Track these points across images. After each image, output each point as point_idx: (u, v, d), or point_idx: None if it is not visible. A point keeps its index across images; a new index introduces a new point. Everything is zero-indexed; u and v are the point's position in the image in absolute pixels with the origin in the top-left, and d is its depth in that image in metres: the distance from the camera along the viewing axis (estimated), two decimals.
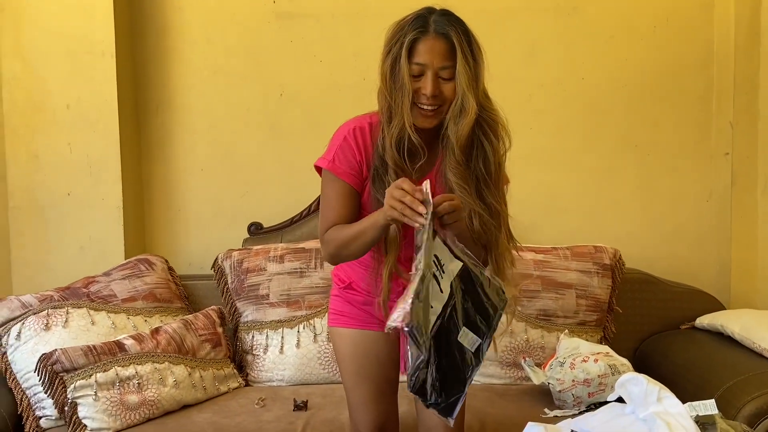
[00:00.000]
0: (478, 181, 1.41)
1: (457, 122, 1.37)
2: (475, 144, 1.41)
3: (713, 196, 2.55)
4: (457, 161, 1.39)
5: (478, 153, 1.41)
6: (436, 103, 1.38)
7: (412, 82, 1.37)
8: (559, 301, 2.20)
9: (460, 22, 1.39)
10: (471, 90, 1.35)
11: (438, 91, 1.37)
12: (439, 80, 1.37)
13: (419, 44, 1.36)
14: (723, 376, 1.89)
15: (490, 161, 1.42)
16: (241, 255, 2.28)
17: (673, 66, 2.52)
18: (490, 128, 1.41)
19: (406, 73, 1.36)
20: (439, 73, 1.37)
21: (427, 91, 1.36)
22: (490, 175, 1.42)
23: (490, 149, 1.41)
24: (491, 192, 1.42)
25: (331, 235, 1.45)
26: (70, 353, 1.83)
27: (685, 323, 2.34)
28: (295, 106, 2.53)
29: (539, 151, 2.51)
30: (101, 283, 2.12)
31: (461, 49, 1.35)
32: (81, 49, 2.32)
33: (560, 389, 1.93)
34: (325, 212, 1.49)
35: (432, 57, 1.36)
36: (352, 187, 1.45)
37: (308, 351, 2.16)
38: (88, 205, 2.36)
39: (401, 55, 1.36)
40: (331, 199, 1.47)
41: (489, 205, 1.41)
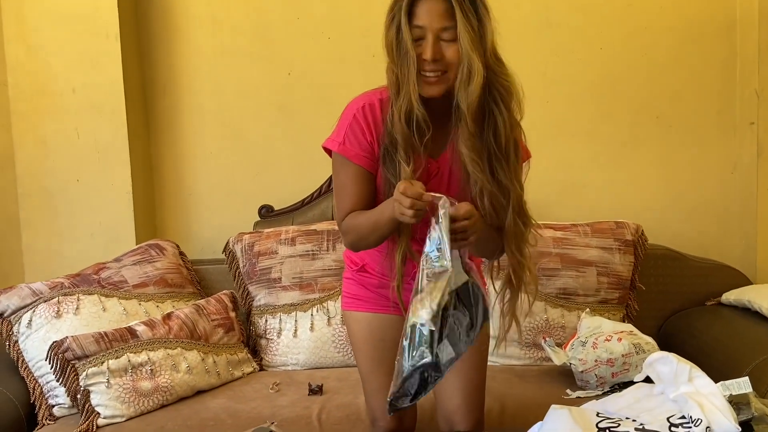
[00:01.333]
0: (489, 155, 1.32)
1: (467, 88, 1.27)
2: (486, 113, 1.31)
3: (738, 167, 2.46)
4: (470, 132, 1.30)
5: (488, 123, 1.32)
6: (439, 68, 1.29)
7: (415, 48, 1.28)
8: (580, 279, 2.14)
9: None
10: (476, 51, 1.25)
11: (440, 55, 1.28)
12: (441, 43, 1.28)
13: (417, 7, 1.28)
14: (752, 352, 1.82)
15: (500, 133, 1.32)
16: (252, 238, 2.24)
17: (694, 33, 2.42)
18: (501, 96, 1.31)
19: (408, 38, 1.27)
20: (441, 35, 1.28)
21: (427, 55, 1.27)
22: (500, 149, 1.32)
23: (501, 120, 1.31)
24: (502, 168, 1.32)
25: (348, 225, 1.40)
26: (82, 340, 1.81)
27: (710, 299, 2.27)
28: (304, 84, 2.47)
29: (556, 124, 2.43)
30: (112, 269, 2.10)
31: (461, 8, 1.25)
32: (85, 32, 2.28)
33: (582, 369, 1.87)
34: (341, 199, 1.42)
35: (431, 18, 1.27)
36: (366, 170, 1.38)
37: (322, 334, 2.12)
38: (97, 190, 2.33)
39: (401, 21, 1.28)
40: (345, 184, 1.40)
41: (499, 182, 1.32)
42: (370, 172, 1.39)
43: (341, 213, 1.42)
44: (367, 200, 1.40)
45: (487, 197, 1.32)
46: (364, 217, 1.36)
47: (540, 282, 2.13)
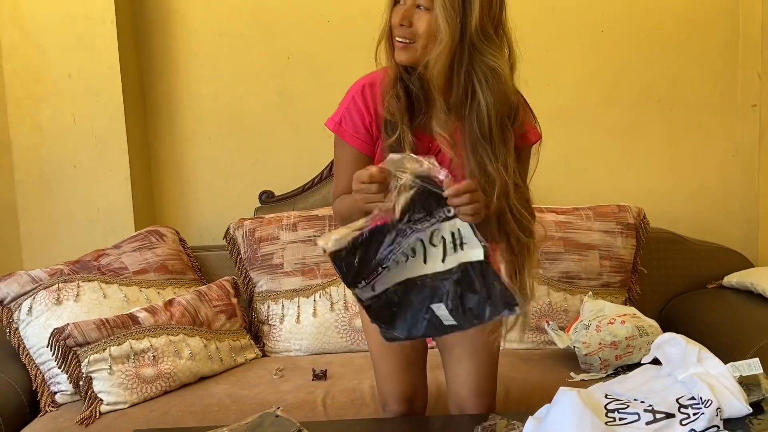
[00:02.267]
0: (474, 143, 1.27)
1: (433, 55, 1.24)
2: (469, 96, 1.26)
3: (740, 150, 2.45)
4: (441, 108, 1.26)
5: (471, 105, 1.26)
6: (406, 35, 1.25)
7: (395, 12, 1.26)
8: (582, 262, 2.13)
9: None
10: (449, 23, 1.21)
11: (407, 22, 1.25)
12: (416, 11, 1.25)
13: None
14: (755, 335, 1.82)
15: (483, 118, 1.25)
16: (253, 224, 2.22)
17: (696, 14, 2.41)
18: (485, 77, 1.25)
19: (389, 3, 1.27)
20: (416, 2, 1.25)
21: (395, 19, 1.25)
22: (483, 134, 1.25)
23: (484, 103, 1.25)
24: (487, 154, 1.27)
25: (337, 206, 1.40)
26: (83, 327, 1.80)
27: (712, 282, 2.27)
28: (303, 68, 2.44)
29: (558, 108, 2.41)
30: (111, 255, 2.08)
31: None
32: (80, 15, 2.24)
33: (586, 353, 1.87)
34: (336, 178, 1.43)
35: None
36: (359, 152, 1.36)
37: (325, 320, 2.11)
38: (95, 176, 2.31)
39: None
40: (340, 164, 1.41)
41: (484, 168, 1.27)
42: (365, 154, 1.37)
43: (334, 192, 1.42)
44: None
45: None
46: (346, 201, 1.35)
47: (543, 266, 2.13)
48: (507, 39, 1.30)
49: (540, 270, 2.11)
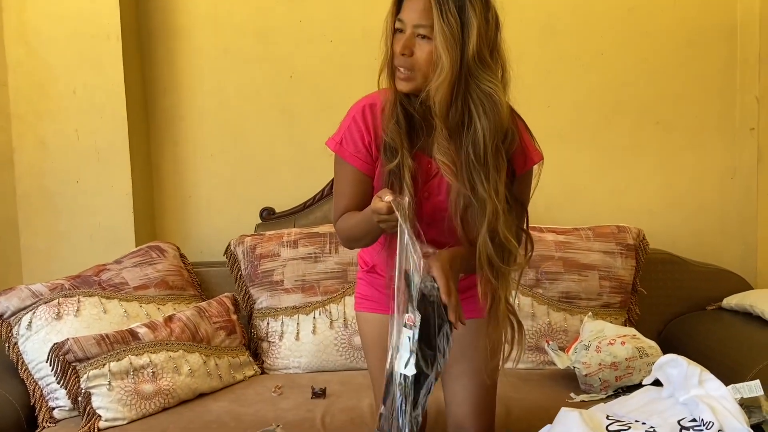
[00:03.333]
0: (468, 164, 1.28)
1: (435, 84, 1.25)
2: (465, 121, 1.28)
3: (738, 173, 2.47)
4: (443, 135, 1.28)
5: (467, 130, 1.28)
6: (407, 65, 1.27)
7: (396, 40, 1.28)
8: (582, 283, 2.14)
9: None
10: (448, 52, 1.23)
11: (408, 51, 1.26)
12: (417, 40, 1.26)
13: (405, 1, 1.29)
14: (755, 356, 1.82)
15: (479, 142, 1.26)
16: (253, 241, 2.23)
17: (694, 38, 2.44)
18: (481, 102, 1.26)
19: (389, 32, 1.29)
20: (417, 31, 1.26)
21: (396, 48, 1.27)
22: (478, 158, 1.26)
23: (481, 127, 1.26)
24: (480, 178, 1.27)
25: (340, 225, 1.41)
26: (83, 342, 1.79)
27: (711, 304, 2.27)
28: (306, 87, 2.46)
29: (558, 129, 2.43)
30: (112, 271, 2.08)
31: (439, 8, 1.23)
32: (86, 32, 2.27)
33: (586, 373, 1.87)
34: (337, 198, 1.44)
35: (409, 13, 1.26)
36: (360, 171, 1.38)
37: (325, 337, 2.11)
38: (97, 191, 2.31)
39: (390, 12, 1.30)
40: (341, 183, 1.42)
41: (476, 193, 1.28)
42: (365, 174, 1.39)
43: (336, 212, 1.43)
44: (361, 201, 1.40)
45: (463, 207, 1.30)
46: (357, 218, 1.36)
47: (543, 285, 2.13)
48: (501, 60, 1.32)
49: (540, 290, 2.12)
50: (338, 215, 1.42)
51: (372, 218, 1.26)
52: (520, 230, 1.37)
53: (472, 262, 1.32)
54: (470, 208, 1.30)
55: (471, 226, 1.32)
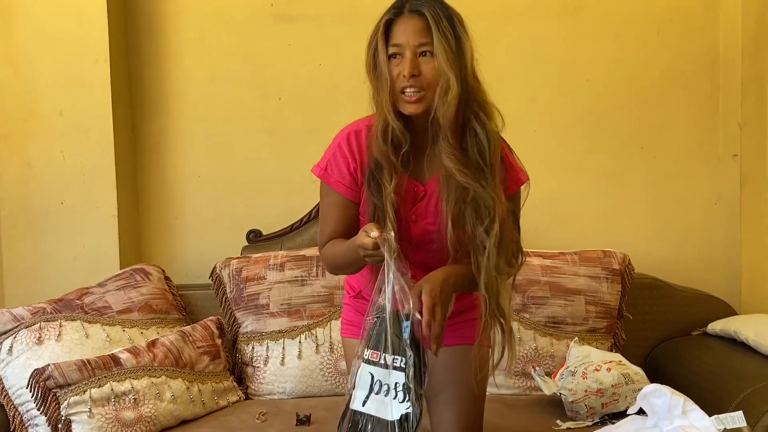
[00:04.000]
0: (474, 170, 1.31)
1: (444, 102, 1.27)
2: (468, 131, 1.31)
3: (722, 199, 2.49)
4: (452, 145, 1.30)
5: (471, 141, 1.31)
6: (418, 85, 1.28)
7: (392, 67, 1.29)
8: (569, 307, 2.14)
9: (437, 0, 1.31)
10: (452, 67, 1.26)
11: (417, 71, 1.28)
12: (420, 59, 1.29)
13: (395, 25, 1.30)
14: (739, 384, 1.83)
15: (484, 146, 1.31)
16: (240, 263, 2.22)
17: (678, 66, 2.48)
18: (481, 111, 1.31)
19: (383, 56, 1.29)
20: (419, 51, 1.29)
21: (405, 71, 1.28)
22: (485, 162, 1.30)
23: (483, 133, 1.30)
24: (487, 181, 1.31)
25: (326, 252, 1.41)
26: (64, 368, 1.77)
27: (696, 329, 2.28)
28: (295, 110, 2.47)
29: (544, 154, 2.45)
30: (95, 294, 2.06)
31: (437, 25, 1.27)
32: (74, 55, 2.27)
33: (572, 400, 1.86)
34: (322, 223, 1.45)
35: (408, 35, 1.28)
36: (345, 198, 1.39)
37: (310, 362, 2.09)
38: (82, 213, 2.30)
39: (378, 40, 1.30)
40: (326, 210, 1.43)
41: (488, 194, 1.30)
42: (350, 200, 1.39)
43: (322, 238, 1.43)
44: (347, 227, 1.41)
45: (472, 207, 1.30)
46: (342, 248, 1.36)
47: (529, 310, 2.13)
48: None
49: (527, 314, 2.12)
50: (324, 241, 1.43)
51: (357, 251, 1.26)
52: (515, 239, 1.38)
53: (467, 280, 1.32)
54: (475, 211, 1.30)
55: (463, 239, 1.32)
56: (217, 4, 2.45)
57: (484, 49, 1.40)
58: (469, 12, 1.38)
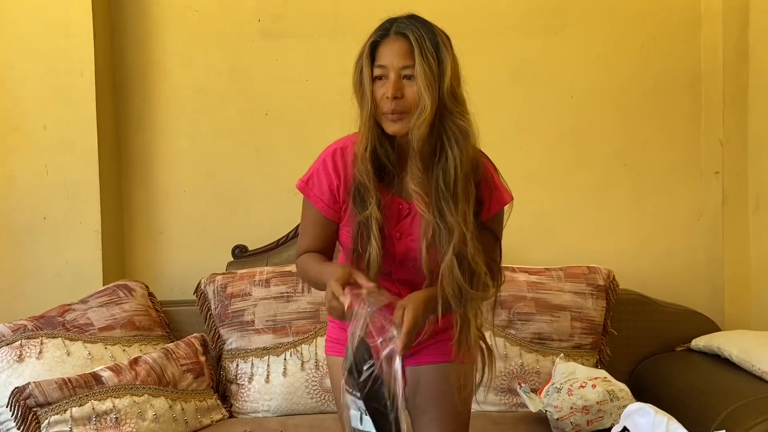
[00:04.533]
0: (437, 194, 1.32)
1: (416, 124, 1.29)
2: (437, 152, 1.32)
3: (704, 215, 2.52)
4: (418, 167, 1.32)
5: (438, 161, 1.32)
6: (399, 107, 1.30)
7: (377, 87, 1.31)
8: (554, 323, 2.15)
9: (424, 23, 1.33)
10: (429, 90, 1.27)
11: (400, 93, 1.29)
12: (403, 81, 1.30)
13: (380, 47, 1.32)
14: (723, 400, 1.84)
15: (450, 172, 1.31)
16: (225, 279, 2.20)
17: (661, 84, 2.51)
18: (455, 136, 1.31)
19: (367, 77, 1.31)
20: (402, 73, 1.30)
21: (389, 93, 1.29)
22: (448, 188, 1.31)
23: (453, 159, 1.31)
24: (449, 207, 1.31)
25: (300, 262, 1.44)
26: (44, 387, 1.74)
27: (680, 345, 2.29)
28: (281, 125, 2.47)
29: (529, 170, 2.47)
30: (77, 311, 2.03)
31: (420, 49, 1.28)
32: (59, 69, 2.25)
33: (558, 417, 1.86)
34: (300, 234, 1.47)
35: (392, 58, 1.30)
36: (321, 215, 1.40)
37: (296, 380, 2.07)
38: (65, 228, 2.27)
39: (364, 61, 1.32)
40: (305, 222, 1.46)
41: (445, 221, 1.31)
42: (326, 218, 1.41)
43: (298, 248, 1.46)
44: (323, 243, 1.43)
45: (431, 236, 1.32)
46: (315, 269, 1.38)
47: (515, 326, 2.14)
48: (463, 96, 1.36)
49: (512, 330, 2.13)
50: (299, 252, 1.47)
51: (324, 289, 1.28)
52: (491, 260, 1.38)
53: (447, 302, 1.33)
54: (436, 237, 1.32)
55: (437, 260, 1.33)
56: (204, 19, 2.45)
57: (470, 66, 1.41)
58: (456, 30, 1.40)
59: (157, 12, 2.43)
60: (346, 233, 1.40)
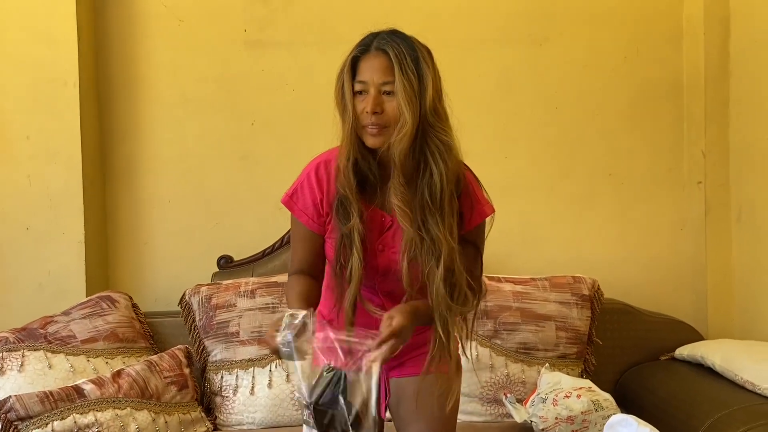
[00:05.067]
0: (423, 207, 1.33)
1: (397, 139, 1.30)
2: (421, 166, 1.34)
3: (687, 224, 2.55)
4: (400, 182, 1.32)
5: (423, 175, 1.33)
6: (379, 122, 1.31)
7: (358, 102, 1.32)
8: (539, 333, 2.16)
9: (405, 38, 1.34)
10: (409, 106, 1.29)
11: (380, 108, 1.31)
12: (383, 97, 1.31)
13: (361, 62, 1.33)
14: (707, 409, 1.85)
15: (435, 186, 1.32)
16: (210, 290, 2.19)
17: (644, 95, 2.54)
18: (438, 149, 1.32)
19: (348, 92, 1.32)
20: (382, 89, 1.31)
21: (368, 108, 1.31)
22: (434, 201, 1.32)
23: (438, 172, 1.32)
24: (435, 221, 1.32)
25: (289, 284, 1.44)
26: (26, 400, 1.72)
27: (664, 354, 2.31)
28: (267, 135, 2.47)
29: (515, 180, 2.48)
30: (60, 323, 2.01)
31: (400, 65, 1.29)
32: (43, 78, 2.24)
33: (543, 427, 1.87)
34: (292, 249, 1.48)
35: (372, 73, 1.31)
36: (307, 228, 1.41)
37: (281, 391, 2.06)
38: (48, 239, 2.25)
39: (345, 76, 1.33)
40: (293, 238, 1.47)
41: (432, 235, 1.32)
42: (312, 231, 1.42)
43: (291, 265, 1.47)
44: (312, 258, 1.43)
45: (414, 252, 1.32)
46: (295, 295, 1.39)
47: (501, 336, 2.14)
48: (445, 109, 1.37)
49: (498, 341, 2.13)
50: (292, 269, 1.46)
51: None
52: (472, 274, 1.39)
53: (428, 314, 1.34)
54: (422, 252, 1.32)
55: (418, 274, 1.34)
56: (190, 29, 2.45)
57: (456, 76, 1.42)
58: (442, 40, 1.41)
59: (143, 21, 2.43)
60: (330, 245, 1.40)
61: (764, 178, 2.28)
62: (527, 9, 2.49)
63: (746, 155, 2.38)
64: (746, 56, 2.36)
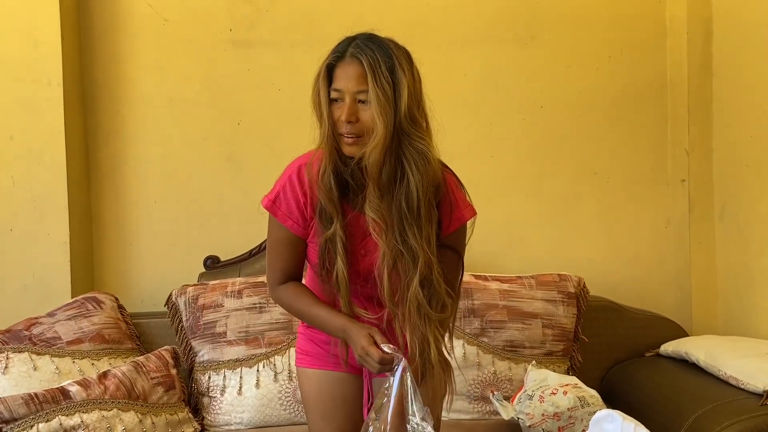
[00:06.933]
0: (401, 218, 1.31)
1: (370, 148, 1.29)
2: (398, 175, 1.32)
3: (671, 222, 2.57)
4: (375, 194, 1.31)
5: (400, 186, 1.31)
6: (354, 131, 1.30)
7: (334, 109, 1.31)
8: (526, 331, 2.17)
9: (380, 45, 1.31)
10: (382, 115, 1.27)
11: (355, 117, 1.29)
12: (359, 105, 1.30)
13: (336, 69, 1.32)
14: (691, 405, 1.87)
15: (412, 196, 1.30)
16: (196, 290, 2.18)
17: (628, 94, 2.56)
18: (414, 158, 1.30)
19: (324, 99, 1.31)
20: (358, 97, 1.30)
21: (343, 117, 1.30)
22: (411, 211, 1.30)
23: (414, 182, 1.30)
24: (413, 231, 1.31)
25: (286, 298, 1.43)
26: (10, 402, 1.70)
27: (649, 351, 2.33)
28: (254, 135, 2.46)
29: (501, 179, 2.50)
30: (45, 324, 1.99)
31: (373, 74, 1.28)
32: (25, 77, 2.22)
33: (530, 424, 1.88)
34: (271, 257, 1.44)
35: (347, 82, 1.30)
36: (292, 233, 1.39)
37: (268, 391, 2.06)
38: (32, 240, 2.23)
39: (320, 83, 1.32)
40: (275, 244, 1.43)
41: (408, 245, 1.31)
42: (298, 236, 1.40)
43: (273, 272, 1.43)
44: (295, 263, 1.42)
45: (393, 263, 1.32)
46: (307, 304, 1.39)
47: (488, 334, 2.15)
48: (425, 112, 1.36)
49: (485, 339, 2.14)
50: (276, 276, 1.43)
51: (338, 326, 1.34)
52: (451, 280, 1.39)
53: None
54: (400, 263, 1.32)
55: (397, 284, 1.33)
56: (175, 28, 2.43)
57: (441, 76, 1.42)
58: (427, 40, 1.41)
59: (128, 21, 2.41)
60: (313, 250, 1.39)
61: (747, 175, 2.31)
62: (512, 9, 2.50)
63: (729, 153, 2.41)
64: (729, 56, 2.39)
